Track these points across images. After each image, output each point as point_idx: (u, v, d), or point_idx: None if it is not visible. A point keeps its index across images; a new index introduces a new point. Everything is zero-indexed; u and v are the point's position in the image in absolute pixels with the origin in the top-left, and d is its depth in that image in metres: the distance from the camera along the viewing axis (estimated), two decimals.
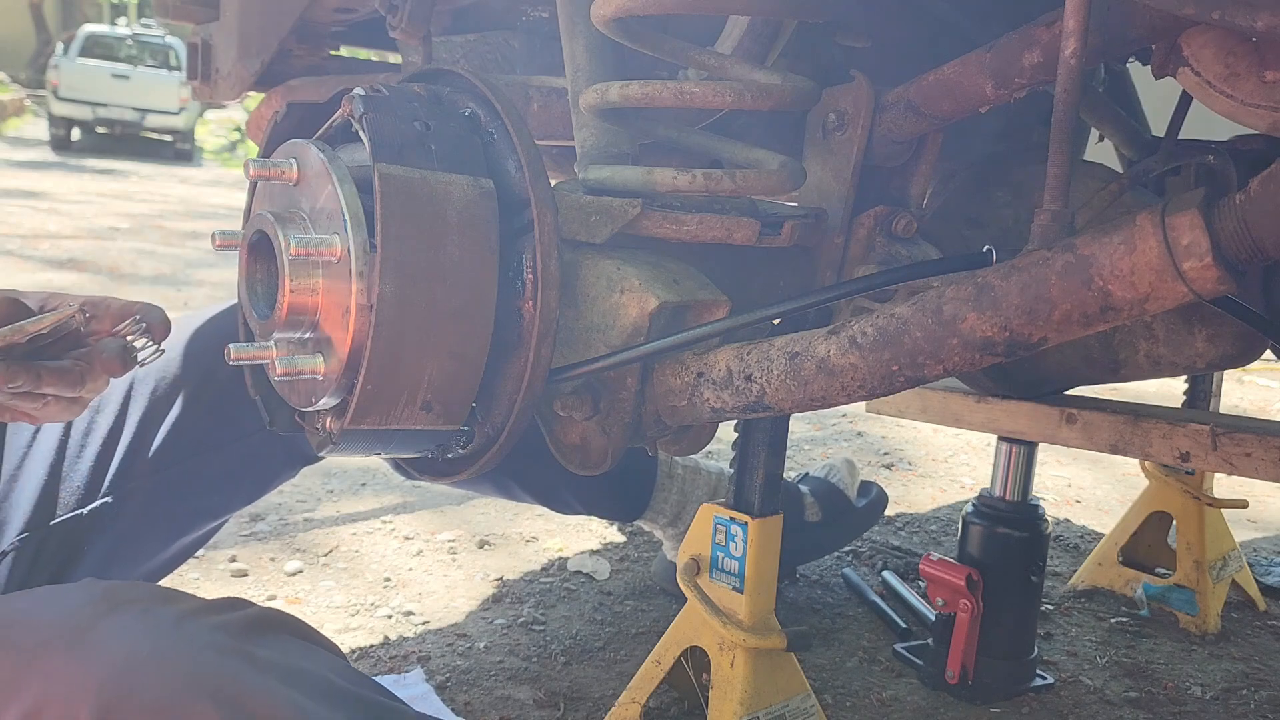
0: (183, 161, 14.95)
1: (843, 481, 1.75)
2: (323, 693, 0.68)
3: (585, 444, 0.90)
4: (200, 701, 0.61)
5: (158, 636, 0.65)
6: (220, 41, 1.44)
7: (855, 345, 0.75)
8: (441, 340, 0.75)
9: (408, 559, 1.83)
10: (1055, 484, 2.53)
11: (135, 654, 0.62)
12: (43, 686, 0.61)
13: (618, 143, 0.93)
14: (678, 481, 1.59)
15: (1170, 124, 1.09)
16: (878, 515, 1.78)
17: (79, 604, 0.68)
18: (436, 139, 0.77)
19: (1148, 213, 0.63)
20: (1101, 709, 1.41)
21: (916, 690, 1.43)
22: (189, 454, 1.20)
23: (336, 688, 0.69)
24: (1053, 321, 0.67)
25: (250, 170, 0.78)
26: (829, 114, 0.95)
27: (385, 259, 0.72)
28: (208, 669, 0.63)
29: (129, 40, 15.62)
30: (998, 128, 1.21)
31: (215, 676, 0.63)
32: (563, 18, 0.95)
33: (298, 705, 0.65)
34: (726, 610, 1.14)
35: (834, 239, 0.95)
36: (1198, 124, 1.08)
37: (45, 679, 0.61)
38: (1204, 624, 1.65)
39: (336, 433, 0.78)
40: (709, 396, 0.84)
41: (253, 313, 0.82)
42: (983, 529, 1.41)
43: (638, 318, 0.83)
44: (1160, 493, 1.74)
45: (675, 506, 1.58)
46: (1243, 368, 2.00)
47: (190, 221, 7.86)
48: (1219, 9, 0.61)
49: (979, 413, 1.32)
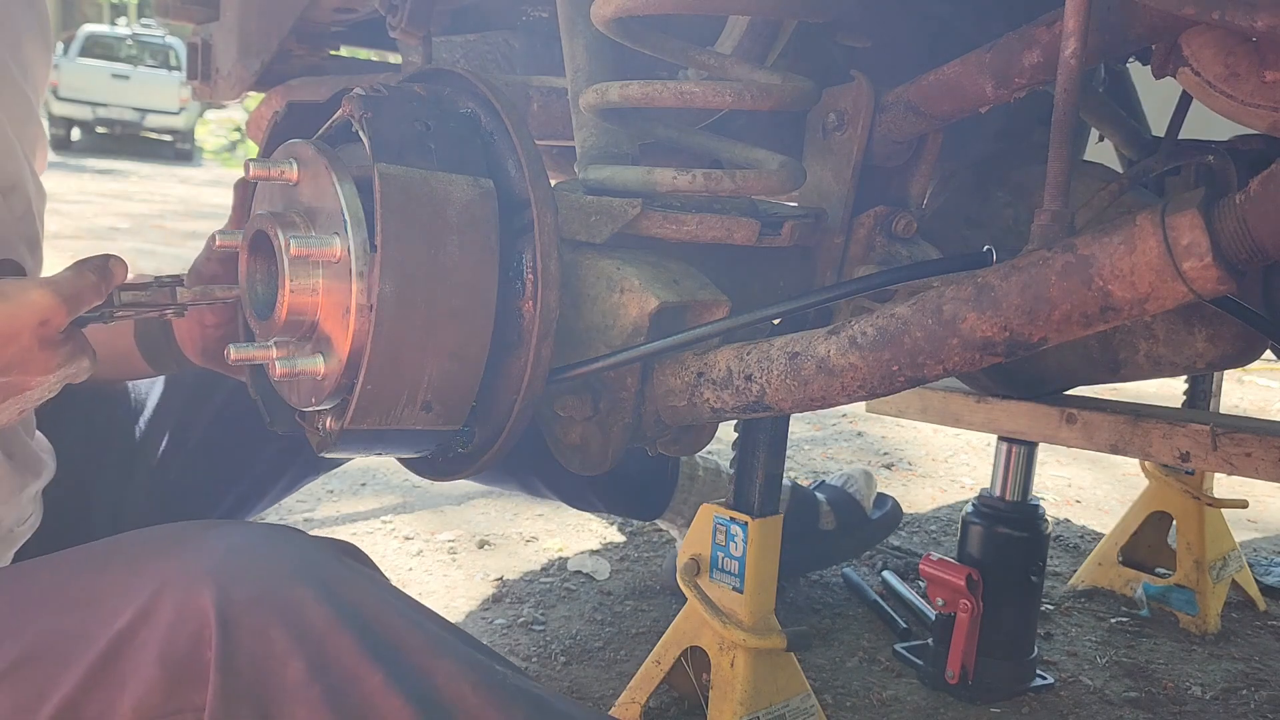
0: (183, 161, 14.96)
1: (859, 493, 1.75)
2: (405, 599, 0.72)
3: (585, 444, 0.90)
4: (304, 585, 0.65)
5: (263, 536, 0.69)
6: (220, 41, 1.44)
7: (855, 345, 0.75)
8: (441, 340, 0.75)
9: (408, 559, 1.83)
10: (1055, 484, 2.53)
11: (245, 547, 0.67)
12: (160, 580, 0.65)
13: (618, 143, 0.93)
14: (699, 484, 1.61)
15: (1170, 124, 1.09)
16: (892, 528, 1.80)
17: (179, 526, 0.72)
18: (436, 139, 0.77)
19: (1148, 213, 0.63)
20: (1101, 709, 1.41)
21: (916, 690, 1.43)
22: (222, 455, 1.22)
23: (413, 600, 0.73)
24: (1053, 321, 0.67)
25: (250, 170, 0.78)
26: (829, 114, 0.95)
27: (385, 259, 0.72)
28: (309, 560, 0.67)
29: (129, 40, 15.63)
30: (998, 128, 1.21)
31: (318, 566, 0.67)
32: (563, 18, 0.95)
33: (388, 601, 0.69)
34: (726, 610, 1.14)
35: (834, 239, 0.95)
36: (1198, 124, 1.08)
37: (161, 575, 0.66)
38: (1204, 624, 1.65)
39: (336, 433, 0.78)
40: (709, 396, 0.84)
41: (253, 313, 0.82)
42: (983, 529, 1.41)
43: (638, 318, 0.83)
44: (1160, 493, 1.74)
45: (694, 508, 1.59)
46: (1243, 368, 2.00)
47: (190, 221, 7.86)
48: (1219, 9, 0.61)
49: (979, 413, 1.32)
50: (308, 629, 0.64)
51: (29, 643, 0.67)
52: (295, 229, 0.76)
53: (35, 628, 0.68)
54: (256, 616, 0.64)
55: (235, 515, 1.28)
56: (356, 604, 0.67)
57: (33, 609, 0.70)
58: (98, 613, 0.67)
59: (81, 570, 0.71)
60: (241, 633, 0.63)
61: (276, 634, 0.63)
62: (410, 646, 0.67)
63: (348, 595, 0.67)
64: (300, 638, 0.64)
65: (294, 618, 0.64)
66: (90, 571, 0.70)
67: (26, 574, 0.75)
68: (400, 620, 0.68)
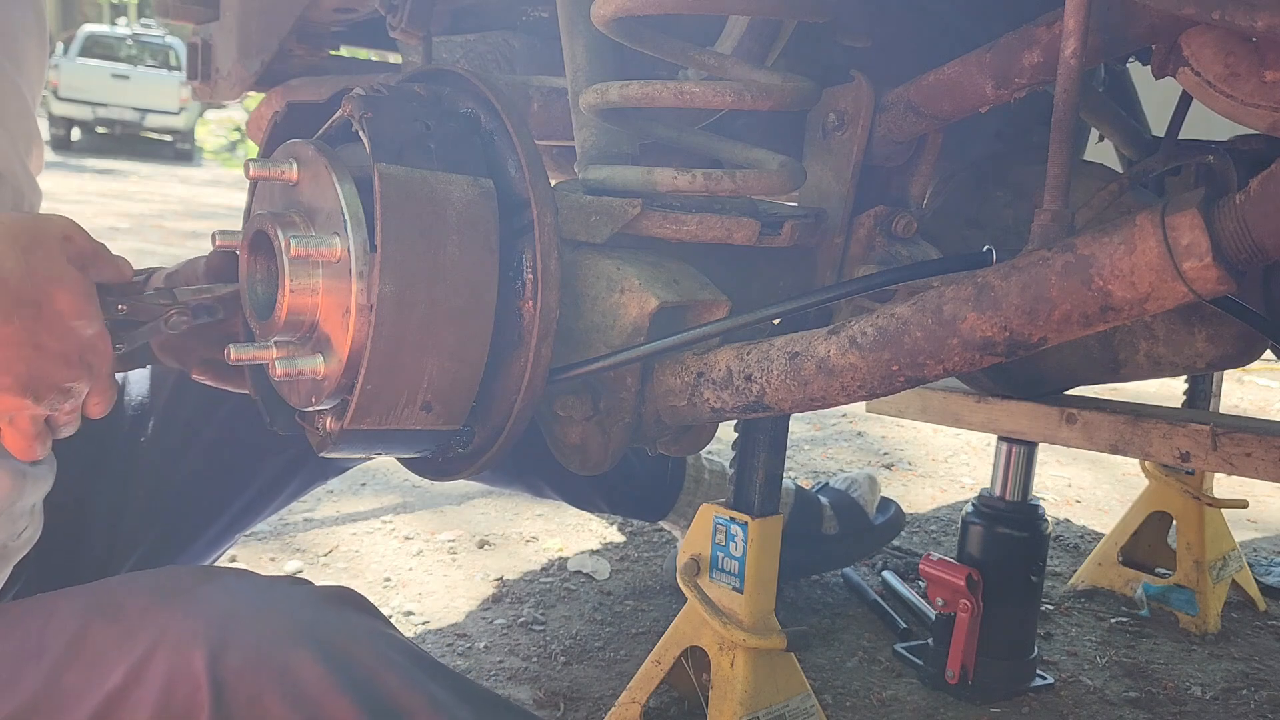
0: (183, 161, 14.96)
1: (863, 498, 1.75)
2: (410, 654, 0.70)
3: (585, 444, 0.90)
4: (301, 648, 0.63)
5: (257, 592, 0.68)
6: (220, 41, 1.44)
7: (855, 345, 0.75)
8: (441, 340, 0.75)
9: (408, 559, 1.83)
10: (1055, 484, 2.53)
11: (238, 606, 0.65)
12: (153, 638, 0.64)
13: (618, 143, 0.93)
14: (705, 486, 1.61)
15: (1170, 124, 1.09)
16: (894, 534, 1.80)
17: (176, 574, 0.71)
18: (436, 139, 0.77)
19: (1148, 213, 0.63)
20: (1101, 709, 1.41)
21: (916, 690, 1.43)
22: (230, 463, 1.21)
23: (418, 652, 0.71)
24: (1053, 321, 0.67)
25: (250, 170, 0.78)
26: (829, 114, 0.95)
27: (385, 259, 0.72)
28: (306, 619, 0.66)
29: (129, 40, 15.62)
30: (998, 128, 1.21)
31: (314, 625, 0.65)
32: (563, 17, 0.95)
33: (390, 659, 0.67)
34: (726, 610, 1.14)
35: (834, 239, 0.95)
36: (1198, 124, 1.08)
37: (154, 631, 0.64)
38: (1204, 624, 1.65)
39: (336, 433, 0.78)
40: (709, 396, 0.84)
41: (253, 313, 0.82)
42: (983, 529, 1.41)
43: (638, 318, 0.83)
44: (1160, 493, 1.74)
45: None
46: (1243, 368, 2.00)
47: (190, 221, 7.86)
48: (1219, 9, 0.61)
49: (979, 413, 1.32)
50: (303, 693, 0.63)
51: (24, 698, 0.66)
52: (295, 229, 0.76)
53: (29, 682, 0.67)
54: (251, 683, 0.62)
55: (240, 524, 1.27)
56: (355, 664, 0.66)
57: (28, 660, 0.68)
58: (92, 669, 0.66)
59: (75, 621, 0.70)
60: (236, 700, 0.62)
61: (271, 701, 0.62)
62: (410, 709, 0.65)
63: (345, 655, 0.66)
64: (296, 703, 0.63)
65: (289, 682, 0.63)
66: (84, 624, 0.69)
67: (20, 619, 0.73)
68: (399, 680, 0.67)
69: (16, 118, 0.94)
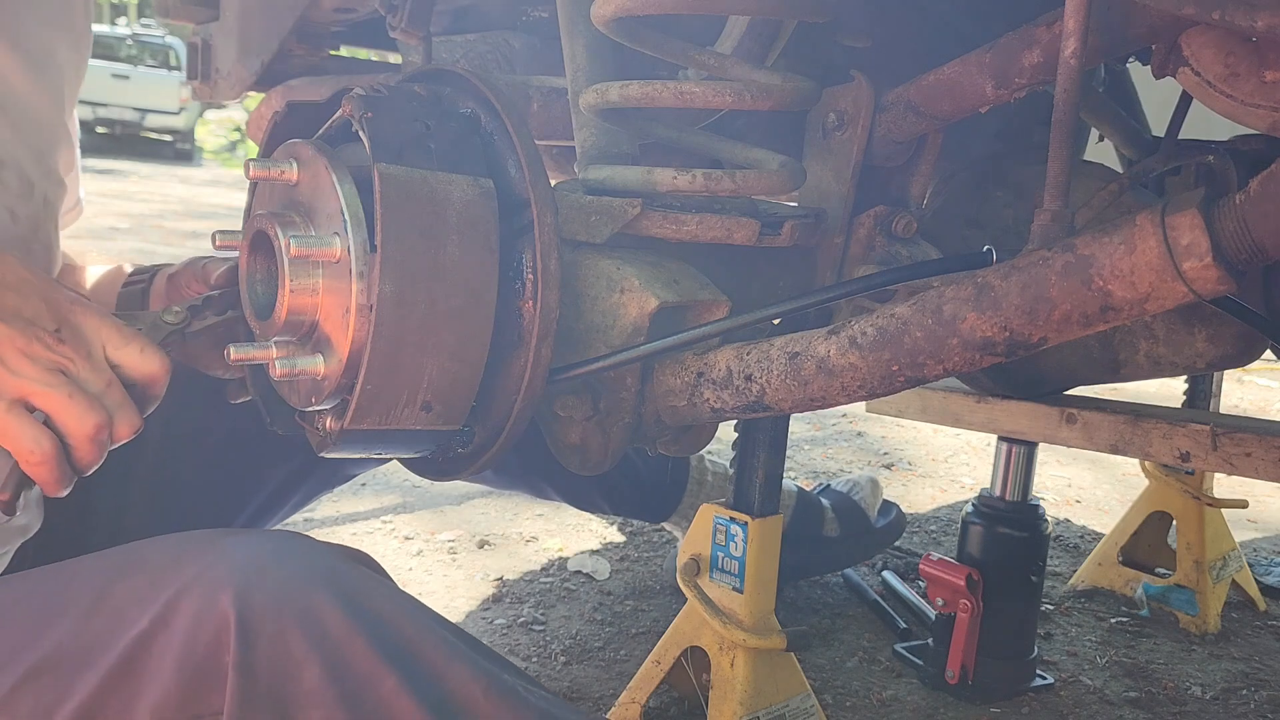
0: (183, 161, 14.97)
1: (864, 500, 1.76)
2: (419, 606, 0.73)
3: (585, 444, 0.90)
4: (321, 591, 0.66)
5: (279, 543, 0.70)
6: (220, 41, 1.44)
7: (855, 345, 0.75)
8: (441, 341, 0.75)
9: (408, 559, 1.83)
10: (1055, 484, 2.53)
11: (262, 554, 0.68)
12: (180, 584, 0.66)
13: (618, 143, 0.93)
14: (708, 488, 1.61)
15: (1170, 124, 1.09)
16: (895, 537, 1.80)
17: (197, 533, 0.73)
18: (436, 139, 0.77)
19: (1148, 213, 0.63)
20: (1101, 709, 1.41)
21: (916, 690, 1.43)
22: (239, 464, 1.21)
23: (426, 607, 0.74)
24: (1053, 321, 0.67)
25: (250, 170, 0.78)
26: (829, 114, 0.95)
27: (385, 259, 0.72)
28: (325, 567, 0.68)
29: (129, 40, 15.64)
30: (998, 128, 1.21)
31: (333, 573, 0.68)
32: (563, 17, 0.95)
33: (403, 607, 0.70)
34: (726, 610, 1.14)
35: (834, 239, 0.95)
36: (1198, 124, 1.08)
37: (182, 579, 0.66)
38: (1204, 624, 1.65)
39: (336, 433, 0.78)
40: (709, 396, 0.84)
41: (253, 313, 0.82)
42: (983, 529, 1.41)
43: (638, 318, 0.83)
44: (1160, 493, 1.74)
45: None
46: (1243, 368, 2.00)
47: (190, 221, 7.86)
48: (1219, 9, 0.61)
49: (979, 413, 1.32)
50: (325, 634, 0.65)
51: (49, 649, 0.68)
52: (295, 229, 0.76)
53: (55, 634, 0.68)
54: (275, 621, 0.64)
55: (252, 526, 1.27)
56: (372, 609, 0.68)
57: (53, 616, 0.70)
58: (117, 619, 0.67)
59: (101, 577, 0.71)
60: (260, 637, 0.64)
61: (294, 639, 0.64)
62: (423, 652, 0.67)
63: (363, 601, 0.68)
64: (317, 643, 0.65)
65: (311, 623, 0.65)
66: (110, 579, 0.71)
67: (43, 580, 0.75)
68: (414, 626, 0.69)
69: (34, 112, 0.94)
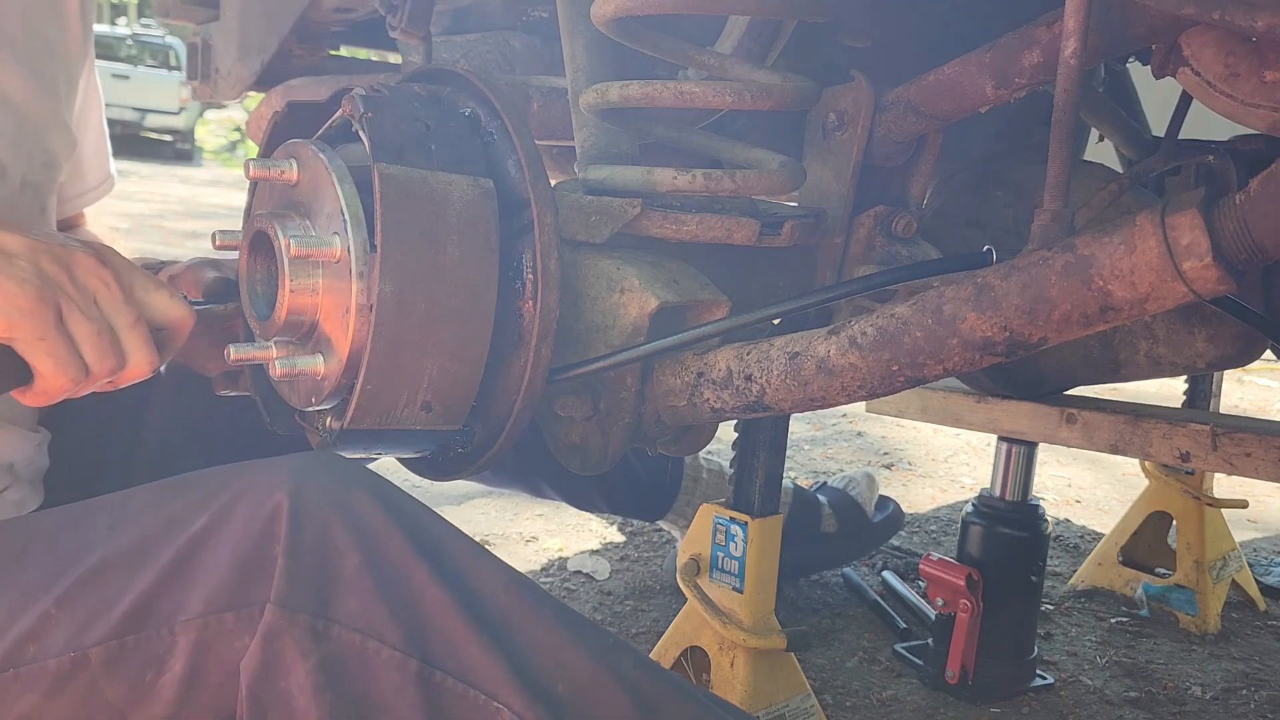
0: (183, 161, 14.97)
1: (861, 496, 1.76)
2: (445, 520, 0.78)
3: (585, 444, 0.90)
4: (363, 492, 0.72)
5: (329, 457, 0.77)
6: (220, 41, 1.45)
7: (855, 345, 0.75)
8: (441, 340, 0.75)
9: None
10: (1055, 484, 2.53)
11: (314, 462, 0.74)
12: (236, 490, 0.72)
13: (618, 143, 0.93)
14: (703, 486, 1.62)
15: (1170, 124, 1.09)
16: (893, 532, 1.80)
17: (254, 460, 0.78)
18: (436, 139, 0.77)
19: (1147, 213, 0.63)
20: (1101, 709, 1.41)
21: (916, 690, 1.43)
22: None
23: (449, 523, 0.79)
24: (1053, 321, 0.67)
25: (250, 170, 0.78)
26: (829, 114, 0.95)
27: (385, 259, 0.72)
28: (368, 476, 0.75)
29: (129, 40, 15.63)
30: (998, 128, 1.21)
31: (374, 480, 0.75)
32: (563, 17, 0.95)
33: (430, 513, 0.76)
34: (726, 610, 1.14)
35: (834, 239, 0.95)
36: (1198, 124, 1.08)
37: (240, 485, 0.72)
38: (1204, 624, 1.65)
39: (336, 433, 0.78)
40: (709, 396, 0.84)
41: (253, 313, 0.82)
42: (983, 529, 1.41)
43: (638, 318, 0.83)
44: (1160, 493, 1.74)
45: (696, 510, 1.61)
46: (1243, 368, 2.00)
47: (190, 221, 7.86)
48: (1219, 9, 0.61)
49: (979, 413, 1.32)
50: (364, 526, 0.71)
51: (109, 552, 0.72)
52: (295, 229, 0.76)
53: (116, 540, 0.73)
54: (321, 513, 0.70)
55: None
56: (407, 511, 0.74)
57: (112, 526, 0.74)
58: (175, 522, 0.72)
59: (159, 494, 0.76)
60: (307, 529, 0.70)
61: (337, 529, 0.70)
62: (450, 549, 0.74)
63: (400, 503, 0.74)
64: (358, 533, 0.70)
65: (353, 516, 0.71)
66: (168, 496, 0.76)
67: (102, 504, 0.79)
68: (441, 528, 0.76)
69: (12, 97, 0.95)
